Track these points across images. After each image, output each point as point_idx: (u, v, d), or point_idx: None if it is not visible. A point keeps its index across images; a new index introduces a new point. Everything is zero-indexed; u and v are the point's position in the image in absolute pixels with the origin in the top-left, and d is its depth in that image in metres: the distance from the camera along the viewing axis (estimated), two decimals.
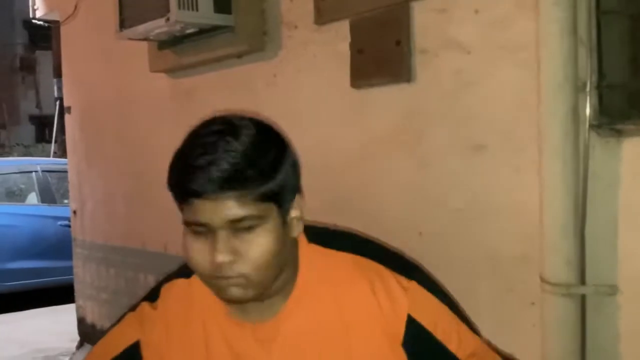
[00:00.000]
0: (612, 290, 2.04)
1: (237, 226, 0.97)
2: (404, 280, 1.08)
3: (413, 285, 1.09)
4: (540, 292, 2.13)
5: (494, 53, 2.32)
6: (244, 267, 0.98)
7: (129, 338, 1.20)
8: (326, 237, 1.14)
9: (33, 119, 20.10)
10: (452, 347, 1.12)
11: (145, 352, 1.15)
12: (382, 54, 2.67)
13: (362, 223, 2.16)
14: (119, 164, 4.54)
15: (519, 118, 2.26)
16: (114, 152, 4.59)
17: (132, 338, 1.19)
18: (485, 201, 2.38)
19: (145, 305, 1.22)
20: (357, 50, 2.77)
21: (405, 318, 1.05)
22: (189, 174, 0.99)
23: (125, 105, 4.38)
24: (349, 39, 2.79)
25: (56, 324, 5.89)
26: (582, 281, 2.08)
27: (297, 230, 1.05)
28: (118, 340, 1.22)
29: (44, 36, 17.23)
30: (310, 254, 1.09)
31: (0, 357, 5.07)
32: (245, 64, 3.34)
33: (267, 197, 0.97)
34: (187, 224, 1.02)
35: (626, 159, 2.01)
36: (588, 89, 2.04)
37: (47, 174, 7.36)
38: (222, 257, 0.97)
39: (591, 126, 2.05)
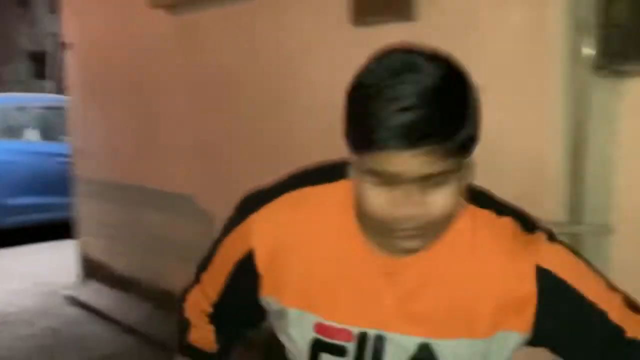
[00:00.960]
0: (606, 229, 2.09)
1: (427, 182, 0.88)
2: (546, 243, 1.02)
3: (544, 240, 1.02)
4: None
5: None
6: (424, 221, 0.91)
7: (239, 251, 1.09)
8: (472, 191, 1.03)
9: (29, 54, 19.89)
10: (603, 305, 1.01)
11: (259, 261, 1.06)
12: None
13: None
14: (121, 102, 4.54)
15: (520, 59, 2.26)
16: (115, 90, 4.58)
17: (243, 249, 1.07)
18: (485, 142, 2.40)
19: (263, 212, 1.08)
20: None
21: (533, 271, 0.98)
22: (376, 124, 0.84)
23: (127, 42, 4.35)
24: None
25: (56, 259, 5.98)
26: (578, 220, 2.13)
27: (471, 178, 0.98)
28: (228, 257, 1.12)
29: None
30: (468, 213, 1.02)
31: (2, 290, 5.18)
32: (247, 1, 3.31)
33: (458, 150, 0.88)
34: (369, 172, 0.89)
35: (625, 99, 2.03)
36: (589, 29, 2.05)
37: (45, 110, 7.37)
38: (407, 211, 0.89)
39: (593, 67, 2.06)
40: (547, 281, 0.97)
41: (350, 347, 1.01)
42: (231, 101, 3.53)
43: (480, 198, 1.05)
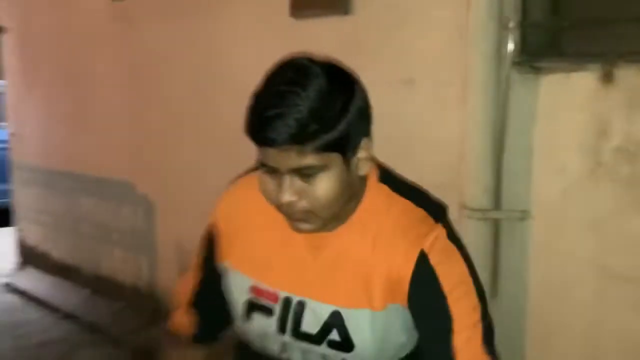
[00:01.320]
0: (524, 215, 2.23)
1: (301, 172, 1.04)
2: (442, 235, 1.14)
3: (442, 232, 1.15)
4: (459, 217, 2.31)
5: None
6: (308, 206, 1.06)
7: (207, 231, 1.30)
8: (396, 182, 1.19)
9: None
10: (455, 316, 1.11)
11: (217, 230, 1.26)
12: None
13: None
14: (58, 88, 4.50)
15: (447, 54, 2.38)
16: (54, 76, 4.54)
17: (209, 228, 1.29)
18: (412, 132, 2.52)
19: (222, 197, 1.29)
20: None
21: (415, 256, 1.09)
22: (259, 124, 1.02)
23: (64, 28, 4.32)
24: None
25: None
26: (498, 207, 2.26)
27: (364, 171, 1.11)
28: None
29: None
30: (376, 192, 1.15)
31: None
32: None
33: (329, 147, 1.02)
34: (261, 162, 1.07)
35: (543, 94, 2.16)
36: (511, 27, 2.17)
37: None
38: (287, 197, 1.05)
39: (513, 63, 2.19)
40: (423, 269, 1.09)
41: (277, 308, 1.17)
42: (168, 88, 3.56)
43: (402, 187, 1.18)
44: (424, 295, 1.10)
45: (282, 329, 1.17)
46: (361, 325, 1.12)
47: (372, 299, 1.11)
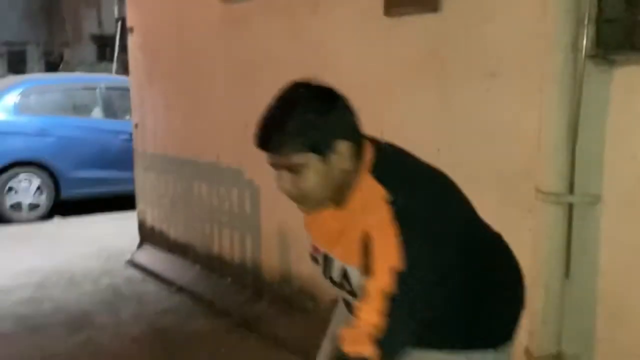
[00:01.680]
0: (596, 199, 2.36)
1: (289, 169, 1.41)
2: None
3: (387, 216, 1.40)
4: (535, 201, 2.46)
5: None
6: (300, 193, 1.44)
7: None
8: (386, 170, 1.47)
9: (94, 38, 20.67)
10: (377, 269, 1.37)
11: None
12: None
13: (388, 137, 2.51)
14: (176, 82, 4.94)
15: (526, 48, 2.53)
16: (172, 71, 4.98)
17: None
18: (494, 123, 2.68)
19: None
20: None
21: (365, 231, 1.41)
22: (256, 137, 1.43)
23: (183, 28, 4.74)
24: None
25: (119, 228, 6.47)
26: (571, 191, 2.40)
27: (345, 165, 1.42)
28: None
29: None
30: (364, 182, 1.45)
31: (68, 255, 5.69)
32: None
33: (304, 150, 1.38)
34: (269, 164, 1.45)
35: (616, 86, 2.29)
36: (587, 22, 2.31)
37: (109, 90, 7.87)
38: (284, 187, 1.44)
39: (588, 56, 2.32)
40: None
41: (320, 259, 1.59)
42: (273, 82, 3.86)
43: (386, 176, 1.45)
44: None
45: (324, 273, 1.57)
46: (355, 277, 1.46)
47: (355, 259, 1.44)
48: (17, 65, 20.72)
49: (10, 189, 7.09)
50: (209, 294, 4.42)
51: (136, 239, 5.67)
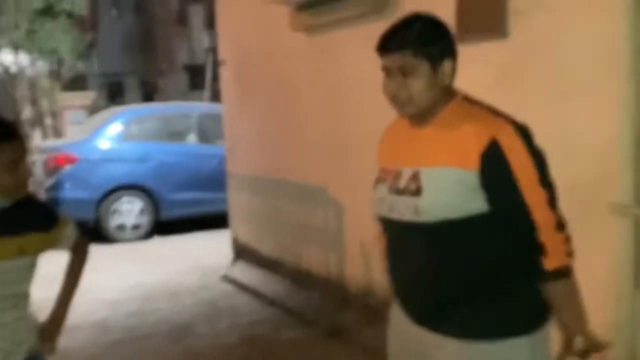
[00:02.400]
0: None
1: (402, 70, 1.64)
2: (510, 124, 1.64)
3: (511, 127, 1.63)
4: (606, 213, 2.60)
5: (576, 14, 2.74)
6: (406, 95, 1.66)
7: None
8: (480, 103, 1.72)
9: (186, 68, 21.74)
10: (522, 183, 1.59)
11: (378, 149, 1.91)
12: (483, 13, 3.15)
13: None
14: (266, 109, 5.30)
15: (594, 70, 2.68)
16: (262, 99, 5.35)
17: None
18: (567, 141, 2.82)
19: None
20: (462, 9, 3.26)
21: (489, 138, 1.58)
22: (381, 39, 1.67)
23: (271, 59, 5.10)
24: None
25: (214, 245, 6.89)
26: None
27: (445, 81, 1.66)
28: None
29: None
30: (459, 103, 1.70)
31: (168, 271, 6.11)
32: (370, 22, 3.91)
33: (420, 56, 1.62)
34: (383, 69, 1.69)
35: None
36: None
37: (203, 117, 8.41)
38: (392, 86, 1.68)
39: None
40: (492, 150, 1.59)
41: (388, 177, 1.76)
42: (357, 107, 4.15)
43: (482, 105, 1.72)
44: (495, 174, 1.59)
45: (390, 189, 1.74)
46: (428, 177, 1.65)
47: (441, 160, 1.65)
48: (115, 95, 21.99)
49: (114, 210, 7.66)
50: (299, 305, 4.70)
51: (229, 255, 6.05)
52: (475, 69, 3.25)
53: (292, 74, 4.85)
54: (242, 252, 5.85)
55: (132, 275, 5.98)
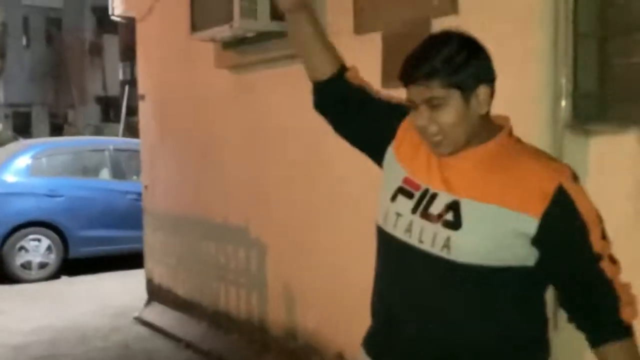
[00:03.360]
0: None
1: (430, 103, 1.43)
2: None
3: (569, 172, 1.46)
4: None
5: (496, 63, 2.85)
6: (437, 129, 1.45)
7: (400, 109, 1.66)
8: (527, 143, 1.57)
9: (99, 99, 21.23)
10: (592, 235, 1.41)
11: (403, 134, 1.63)
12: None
13: None
14: (187, 146, 5.20)
15: (511, 118, 2.79)
16: (183, 135, 5.25)
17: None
18: None
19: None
20: (387, 58, 3.34)
21: (556, 184, 1.39)
22: (404, 68, 1.46)
23: (193, 96, 5.04)
24: (381, 48, 3.36)
25: (126, 285, 6.66)
26: None
27: (482, 110, 1.46)
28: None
29: (110, 21, 18.20)
30: (507, 139, 1.53)
31: (77, 313, 5.83)
32: (296, 64, 3.92)
33: (450, 85, 1.41)
34: (408, 102, 1.49)
35: (593, 154, 2.53)
36: (564, 96, 2.57)
37: (117, 152, 8.17)
38: (420, 122, 1.46)
39: (566, 126, 2.58)
40: (562, 197, 1.40)
41: (417, 194, 1.53)
42: (280, 148, 4.14)
43: (532, 146, 1.58)
44: (564, 225, 1.42)
45: (415, 209, 1.51)
46: (472, 211, 1.45)
47: (491, 197, 1.44)
48: (22, 126, 21.17)
49: (20, 248, 7.28)
50: (217, 349, 4.58)
51: (142, 296, 5.84)
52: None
53: (214, 112, 4.80)
54: (156, 293, 5.66)
55: (38, 318, 5.66)
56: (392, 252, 1.57)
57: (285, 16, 1.78)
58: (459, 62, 1.43)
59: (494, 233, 1.43)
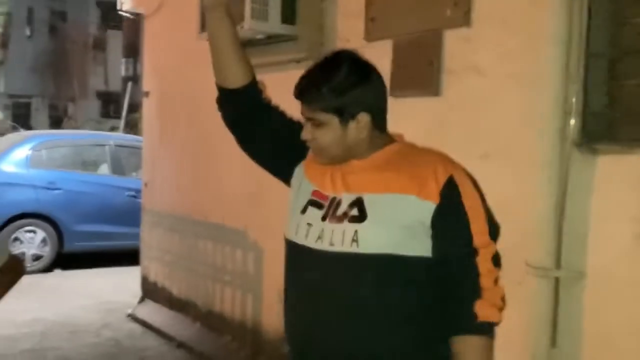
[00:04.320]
0: (581, 275, 2.57)
1: (312, 121, 1.59)
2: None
3: (463, 171, 1.62)
4: (525, 274, 2.67)
5: (504, 79, 2.85)
6: (316, 145, 1.61)
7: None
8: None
9: (100, 94, 21.19)
10: (473, 226, 1.55)
11: (308, 162, 1.76)
12: (417, 71, 3.23)
13: None
14: (188, 146, 5.19)
15: (518, 133, 2.79)
16: (185, 135, 5.24)
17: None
18: (488, 200, 2.91)
19: None
20: (397, 66, 3.33)
21: (447, 175, 1.54)
22: (296, 85, 1.62)
23: (197, 95, 5.02)
24: (391, 56, 3.35)
25: (120, 282, 6.63)
26: (558, 266, 2.61)
27: (361, 134, 1.57)
28: None
29: (115, 16, 18.20)
30: (403, 145, 1.66)
31: (69, 307, 5.81)
32: (303, 69, 3.93)
33: (327, 110, 1.56)
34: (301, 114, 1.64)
35: (600, 172, 2.53)
36: (573, 114, 2.57)
37: (118, 148, 8.16)
38: (304, 135, 1.62)
39: (574, 144, 2.57)
40: (450, 186, 1.55)
41: (325, 204, 1.63)
42: None
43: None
44: (449, 212, 1.53)
45: (324, 217, 1.60)
46: (374, 203, 1.56)
47: (391, 186, 1.56)
48: (22, 117, 21.12)
49: (15, 239, 7.25)
50: (209, 351, 4.55)
51: (135, 293, 5.81)
52: (407, 122, 3.31)
53: (217, 113, 4.77)
54: (151, 291, 5.64)
55: (30, 310, 5.62)
56: (303, 263, 1.63)
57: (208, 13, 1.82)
58: (343, 88, 1.55)
59: (398, 220, 1.53)
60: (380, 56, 3.43)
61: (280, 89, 4.20)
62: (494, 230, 1.62)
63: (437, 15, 3.11)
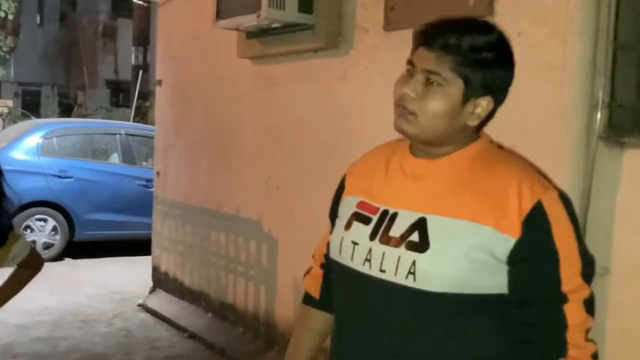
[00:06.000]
0: (605, 271, 2.52)
1: (429, 77, 1.23)
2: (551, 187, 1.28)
3: (556, 193, 1.27)
4: None
5: (528, 70, 2.79)
6: (417, 107, 1.25)
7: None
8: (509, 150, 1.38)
9: (109, 83, 21.18)
10: (563, 268, 1.21)
11: (348, 179, 1.47)
12: None
13: None
14: (202, 135, 5.15)
15: (545, 126, 2.73)
16: (198, 124, 5.20)
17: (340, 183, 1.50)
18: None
19: None
20: None
21: (534, 201, 1.21)
22: (428, 26, 1.26)
23: (213, 84, 4.98)
24: (411, 47, 3.29)
25: (130, 272, 6.63)
26: None
27: (471, 121, 1.28)
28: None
29: (125, 4, 18.16)
30: (485, 146, 1.34)
31: (80, 296, 5.81)
32: (320, 59, 3.88)
33: (459, 73, 1.22)
34: (407, 62, 1.29)
35: (627, 166, 2.47)
36: (600, 107, 2.52)
37: (129, 137, 8.14)
38: (407, 90, 1.25)
39: (600, 137, 2.52)
40: (538, 216, 1.23)
41: (374, 218, 1.34)
42: (297, 141, 4.08)
43: (514, 153, 1.40)
44: (534, 248, 1.23)
45: (374, 234, 1.31)
46: (441, 229, 1.25)
47: (462, 211, 1.25)
48: (31, 105, 21.15)
49: (26, 227, 7.24)
50: (221, 342, 4.53)
51: (147, 283, 5.79)
52: None
53: (232, 102, 4.74)
54: (162, 281, 5.62)
55: (41, 299, 5.58)
56: (351, 288, 1.35)
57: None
58: (484, 59, 1.24)
59: (467, 254, 1.23)
60: (400, 47, 3.38)
61: (297, 78, 4.18)
62: (588, 269, 1.28)
63: (460, 5, 3.05)
